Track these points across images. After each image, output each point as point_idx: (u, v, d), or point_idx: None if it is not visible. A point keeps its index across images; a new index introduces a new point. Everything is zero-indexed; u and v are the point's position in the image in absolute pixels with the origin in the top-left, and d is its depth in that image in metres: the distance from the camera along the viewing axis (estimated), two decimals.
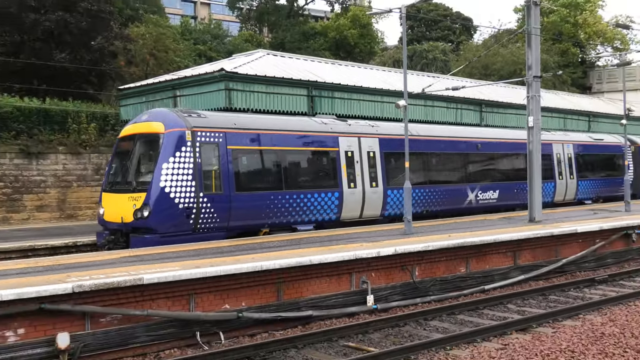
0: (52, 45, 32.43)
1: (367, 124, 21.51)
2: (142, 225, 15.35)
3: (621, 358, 9.55)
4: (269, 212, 17.51)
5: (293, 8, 55.76)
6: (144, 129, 16.44)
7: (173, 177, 15.35)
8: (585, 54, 57.98)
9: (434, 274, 14.76)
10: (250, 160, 17.71)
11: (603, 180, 30.82)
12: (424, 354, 10.00)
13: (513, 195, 25.41)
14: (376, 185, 20.26)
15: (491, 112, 31.33)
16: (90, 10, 33.07)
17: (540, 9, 21.11)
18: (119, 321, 10.30)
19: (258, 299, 12.00)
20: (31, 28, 31.74)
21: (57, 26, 31.92)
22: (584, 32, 55.93)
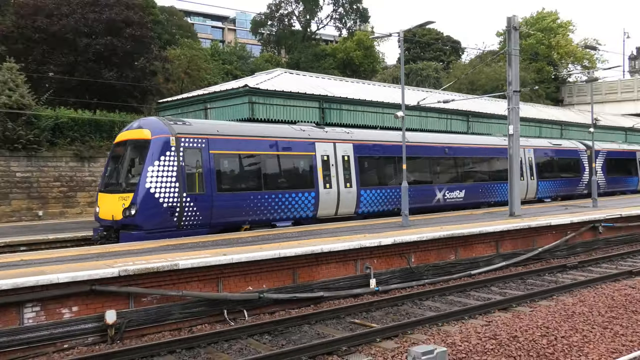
0: (101, 65, 32.60)
1: (343, 131, 20.75)
2: (130, 223, 14.88)
3: (589, 333, 9.51)
4: (249, 210, 16.87)
5: (307, 33, 55.84)
6: (134, 136, 15.94)
7: (158, 179, 14.89)
8: (558, 71, 57.74)
9: (427, 261, 14.75)
10: (231, 163, 16.98)
11: (561, 180, 30.12)
12: (419, 330, 10.02)
13: (478, 194, 24.66)
14: (350, 186, 19.56)
15: (477, 122, 31.31)
16: (134, 35, 33.28)
17: (519, 33, 20.98)
18: (157, 300, 10.36)
19: (276, 282, 12.02)
20: (84, 51, 31.92)
21: (106, 49, 32.10)
22: (557, 52, 55.82)
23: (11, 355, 8.88)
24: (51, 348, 9.20)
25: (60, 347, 9.27)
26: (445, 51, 57.16)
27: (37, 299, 9.23)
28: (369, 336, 9.44)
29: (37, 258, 11.81)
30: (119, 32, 32.70)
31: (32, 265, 10.70)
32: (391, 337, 9.57)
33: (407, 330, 9.89)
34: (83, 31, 31.90)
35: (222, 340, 9.62)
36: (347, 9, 56.05)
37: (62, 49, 32.38)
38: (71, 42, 31.87)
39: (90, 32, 32.17)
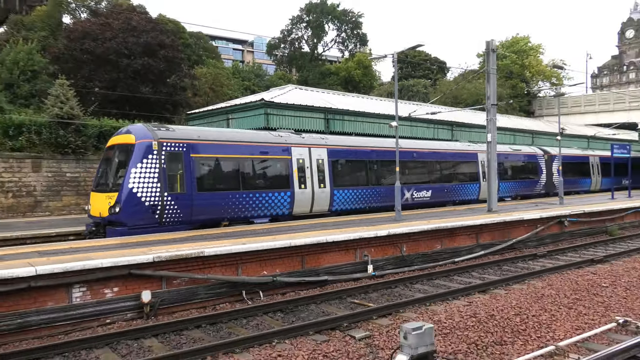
0: (139, 81, 32.73)
1: (319, 137, 19.80)
2: (115, 219, 14.28)
3: (557, 313, 9.46)
4: (227, 208, 16.03)
5: (314, 54, 55.85)
6: (122, 140, 15.26)
7: (140, 180, 14.26)
8: (530, 87, 57.45)
9: (417, 250, 14.70)
10: (211, 165, 16.08)
11: (520, 181, 29.14)
12: (410, 309, 10.01)
13: (443, 194, 23.56)
14: (324, 187, 18.62)
15: (459, 131, 31.23)
16: (167, 56, 33.43)
17: (496, 55, 20.90)
18: (186, 283, 10.39)
19: (287, 267, 12.01)
20: (124, 69, 32.08)
21: (143, 68, 32.24)
22: (529, 71, 55.60)
23: (62, 329, 8.93)
24: (95, 323, 9.25)
25: (103, 322, 9.32)
26: (432, 70, 56.97)
27: (84, 280, 9.29)
28: (366, 314, 9.43)
29: (84, 246, 11.86)
30: (154, 54, 32.85)
31: (80, 252, 10.75)
32: (386, 315, 9.57)
33: (400, 310, 9.87)
34: (123, 53, 32.06)
35: (241, 317, 9.65)
36: (348, 34, 56.09)
37: (106, 68, 32.55)
38: (113, 62, 32.05)
39: (129, 53, 32.33)
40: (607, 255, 15.43)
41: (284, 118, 22.68)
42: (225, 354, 7.65)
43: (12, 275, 8.59)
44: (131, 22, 33.31)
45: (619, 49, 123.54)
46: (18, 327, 8.60)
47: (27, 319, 8.68)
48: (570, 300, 10.28)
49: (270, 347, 7.91)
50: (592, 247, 17.62)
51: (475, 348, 7.67)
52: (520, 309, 9.64)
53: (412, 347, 6.66)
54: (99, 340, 8.25)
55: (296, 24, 55.33)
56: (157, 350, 7.97)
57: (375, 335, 8.38)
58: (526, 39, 57.90)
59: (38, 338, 8.63)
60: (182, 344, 8.32)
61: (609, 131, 43.28)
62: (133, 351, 7.98)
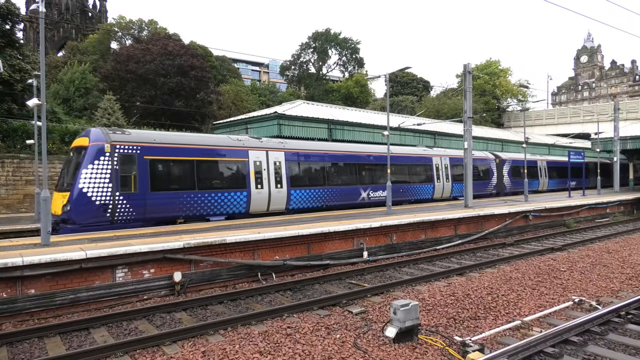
0: (173, 97, 32.83)
1: (278, 142, 18.05)
2: (67, 217, 12.89)
3: (522, 292, 9.35)
4: (182, 207, 14.44)
5: (319, 74, 55.81)
6: (79, 143, 13.81)
7: (91, 180, 12.84)
8: (500, 103, 57.15)
9: (405, 239, 14.58)
10: (165, 167, 14.40)
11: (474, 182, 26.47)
12: (399, 288, 9.91)
13: (399, 194, 21.51)
14: (281, 187, 17.08)
15: (441, 139, 31.05)
16: (197, 76, 33.55)
17: (472, 76, 20.75)
18: (210, 265, 10.33)
19: (296, 253, 11.93)
20: (161, 87, 32.19)
21: (177, 86, 32.35)
22: (499, 90, 55.31)
23: (107, 303, 8.90)
24: (134, 298, 9.21)
25: (141, 298, 9.28)
26: (418, 88, 56.73)
27: (126, 263, 9.25)
28: (362, 293, 9.35)
29: (125, 234, 11.83)
30: (186, 74, 32.95)
31: (122, 239, 10.71)
32: (378, 294, 9.48)
33: (390, 289, 9.78)
34: (161, 73, 32.19)
35: (256, 294, 9.58)
36: (348, 58, 56.07)
37: (146, 86, 32.67)
38: (152, 80, 32.17)
39: (165, 73, 32.44)
40: (564, 245, 15.27)
41: (294, 128, 22.63)
42: (243, 325, 7.59)
43: (67, 258, 8.58)
44: (167, 47, 33.41)
45: (575, 72, 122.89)
46: (71, 302, 8.58)
47: (78, 295, 8.66)
48: (533, 282, 10.17)
49: (281, 320, 7.84)
50: (552, 238, 17.45)
51: (454, 322, 7.58)
52: (492, 289, 9.54)
53: (401, 320, 6.59)
54: (138, 313, 8.22)
55: (304, 49, 55.35)
56: (187, 322, 7.93)
57: (369, 310, 8.30)
58: (497, 62, 57.66)
59: (87, 311, 8.61)
60: (207, 316, 8.27)
61: (566, 140, 42.99)
62: (166, 322, 7.94)
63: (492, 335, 6.93)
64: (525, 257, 13.32)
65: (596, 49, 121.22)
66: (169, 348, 6.72)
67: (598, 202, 23.50)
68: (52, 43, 50.71)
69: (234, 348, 6.54)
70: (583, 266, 11.94)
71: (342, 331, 7.19)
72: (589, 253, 13.87)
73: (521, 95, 57.38)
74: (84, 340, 7.17)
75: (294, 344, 6.65)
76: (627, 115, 44.04)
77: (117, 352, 6.53)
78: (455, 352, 6.26)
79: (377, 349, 6.49)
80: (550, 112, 56.54)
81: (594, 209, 23.21)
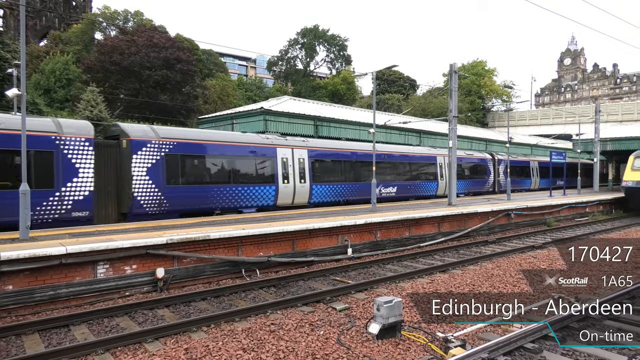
0: (158, 90, 32.37)
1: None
2: None
3: (503, 289, 9.48)
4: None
5: (307, 71, 55.66)
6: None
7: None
8: (485, 103, 57.79)
9: (389, 236, 14.67)
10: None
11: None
12: (382, 285, 9.96)
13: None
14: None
15: (426, 138, 31.26)
16: (183, 69, 33.10)
17: (458, 75, 20.91)
18: (194, 261, 10.23)
19: (280, 249, 11.89)
20: (146, 80, 31.71)
21: (162, 79, 31.89)
22: (484, 90, 55.91)
23: (87, 300, 8.76)
24: (116, 295, 9.08)
25: (123, 294, 9.15)
26: (405, 86, 56.98)
27: (107, 259, 9.10)
28: (346, 289, 9.37)
29: (107, 229, 11.65)
30: (172, 67, 32.48)
31: (104, 234, 10.55)
32: (362, 290, 9.51)
33: (374, 286, 9.83)
34: (146, 65, 31.68)
35: (240, 291, 9.53)
36: (336, 55, 56.00)
37: (131, 78, 32.13)
38: (137, 73, 31.65)
39: (151, 66, 31.94)
40: (545, 243, 15.53)
41: (280, 124, 22.51)
42: (226, 322, 7.55)
43: (47, 253, 8.40)
44: (153, 39, 32.87)
45: (558, 74, 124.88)
46: (50, 298, 8.41)
47: (58, 291, 8.50)
48: (514, 279, 10.32)
49: (264, 317, 7.82)
50: (533, 236, 17.72)
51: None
52: (474, 286, 9.66)
53: (384, 317, 6.63)
54: (120, 310, 8.10)
55: (292, 45, 55.10)
56: (169, 319, 7.84)
57: (353, 307, 8.32)
58: (483, 63, 58.23)
59: (67, 307, 8.45)
60: (190, 313, 8.20)
61: (548, 141, 43.71)
62: (148, 319, 7.84)
63: (473, 331, 7.02)
64: (507, 255, 13.50)
65: (579, 52, 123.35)
66: (151, 345, 6.64)
67: (578, 202, 23.97)
68: (33, 32, 49.49)
69: (217, 345, 6.50)
70: (562, 264, 12.15)
71: (325, 328, 7.20)
72: (569, 251, 14.11)
73: (505, 96, 58.14)
74: (64, 338, 7.04)
75: (278, 341, 6.64)
76: (607, 118, 44.96)
77: (98, 349, 6.43)
78: (438, 348, 6.32)
79: (360, 345, 6.52)
80: (533, 113, 57.42)
81: (574, 208, 23.66)
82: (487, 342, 6.09)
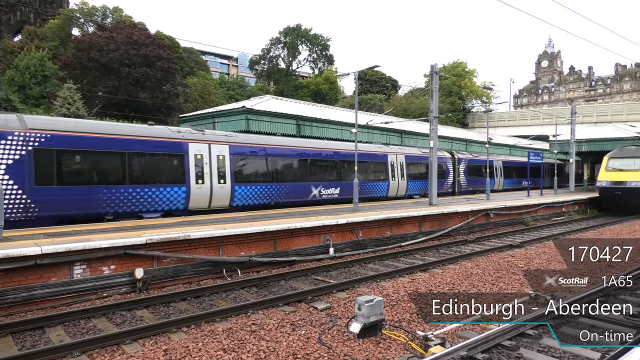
0: (138, 88, 31.88)
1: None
2: None
3: (482, 288, 9.62)
4: None
5: (289, 70, 55.57)
6: None
7: None
8: (465, 104, 58.64)
9: (371, 235, 14.75)
10: None
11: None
12: (364, 284, 9.99)
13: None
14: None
15: (407, 138, 31.49)
16: (163, 67, 32.68)
17: (439, 76, 21.14)
18: (174, 262, 10.10)
19: (262, 249, 11.83)
20: (125, 77, 31.17)
21: (142, 76, 31.41)
22: (464, 91, 56.72)
23: (64, 301, 8.56)
24: (94, 296, 8.91)
25: (101, 295, 8.98)
26: (387, 87, 57.40)
27: (84, 259, 8.91)
28: (327, 289, 9.37)
29: (85, 229, 11.40)
30: (152, 65, 32.04)
31: (81, 234, 10.33)
32: (343, 290, 9.53)
33: (355, 285, 9.85)
34: (125, 63, 31.17)
35: (221, 291, 9.45)
36: (318, 54, 56.10)
37: (109, 75, 31.58)
38: (116, 70, 31.12)
39: (130, 63, 31.44)
40: (523, 242, 15.79)
41: (262, 123, 22.38)
42: (207, 323, 7.47)
43: (21, 253, 8.18)
44: (132, 36, 32.37)
45: (536, 76, 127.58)
46: (24, 300, 8.19)
47: (32, 293, 8.28)
48: (493, 278, 10.49)
49: (245, 317, 7.77)
50: (511, 235, 18.01)
51: (416, 317, 7.73)
52: (454, 284, 9.78)
53: (365, 316, 6.66)
54: (97, 311, 7.94)
55: (275, 44, 54.96)
56: (148, 320, 7.73)
57: (334, 306, 8.34)
58: (464, 64, 59.07)
59: (42, 309, 8.25)
60: (170, 314, 8.09)
61: (526, 141, 44.59)
62: (127, 320, 7.71)
63: (453, 329, 7.12)
64: (486, 254, 13.70)
65: (556, 54, 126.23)
66: (129, 347, 6.53)
67: (554, 202, 24.53)
68: (7, 27, 48.07)
69: (197, 346, 6.43)
70: (539, 262, 12.43)
71: (307, 327, 7.20)
72: (545, 250, 14.44)
73: (485, 97, 59.13)
74: (38, 340, 6.87)
75: (259, 341, 6.61)
76: (583, 119, 46.14)
77: (74, 351, 6.29)
78: (418, 347, 6.39)
79: (341, 344, 6.54)
80: (512, 114, 58.51)
81: (551, 207, 24.20)
82: (466, 340, 6.19)
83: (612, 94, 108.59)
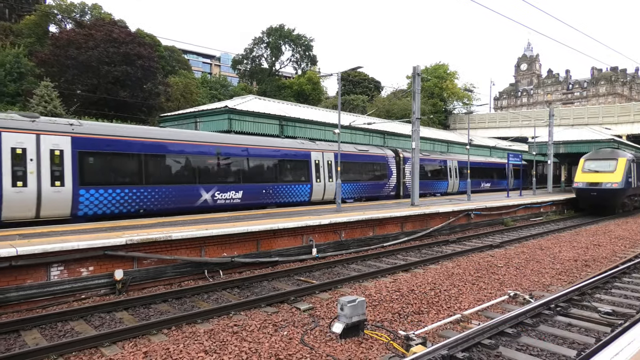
0: (118, 86, 31.33)
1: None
2: None
3: (463, 287, 9.75)
4: None
5: (272, 70, 55.39)
6: None
7: None
8: (447, 105, 59.37)
9: (353, 236, 14.78)
10: None
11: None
12: (346, 284, 10.02)
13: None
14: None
15: (390, 139, 31.67)
16: (144, 66, 32.21)
17: (421, 78, 21.35)
18: (155, 263, 9.96)
19: (244, 250, 11.75)
20: (105, 75, 30.61)
21: (122, 75, 30.89)
22: (446, 93, 57.40)
23: (40, 303, 8.36)
24: (71, 298, 8.71)
25: (79, 297, 8.79)
26: (370, 88, 57.73)
27: (61, 260, 8.71)
28: (310, 289, 9.37)
29: (63, 230, 11.15)
30: (132, 63, 31.56)
31: (59, 235, 10.10)
32: (326, 290, 9.55)
33: (338, 285, 9.88)
34: (105, 61, 30.61)
35: (203, 292, 9.36)
36: (301, 55, 56.06)
37: (88, 73, 30.96)
38: (95, 68, 30.54)
39: (110, 61, 30.89)
40: (502, 242, 16.03)
41: (245, 123, 22.25)
42: (188, 324, 7.40)
43: None
44: (112, 34, 31.83)
45: (515, 79, 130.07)
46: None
47: (7, 295, 8.06)
48: (473, 278, 10.64)
49: (227, 318, 7.72)
50: (491, 235, 18.27)
51: (398, 317, 7.80)
52: (435, 284, 9.89)
53: (347, 316, 6.69)
54: (75, 313, 7.77)
55: (258, 43, 54.74)
56: (128, 322, 7.60)
57: (317, 307, 8.35)
58: (445, 66, 59.77)
59: (17, 312, 8.04)
60: (150, 316, 7.98)
61: (506, 143, 45.37)
62: (105, 322, 7.57)
63: (434, 328, 7.20)
64: (466, 254, 13.87)
65: (535, 57, 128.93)
66: (108, 349, 6.42)
67: (533, 202, 25.03)
68: None
69: (178, 347, 6.36)
70: (518, 262, 12.67)
71: (289, 328, 7.19)
72: (524, 250, 14.73)
73: (466, 99, 59.97)
74: (13, 344, 6.69)
75: (241, 342, 6.57)
76: (560, 122, 47.20)
77: (51, 354, 6.15)
78: (399, 346, 6.44)
79: (324, 344, 6.55)
80: (492, 116, 59.49)
81: (530, 208, 24.69)
82: (447, 340, 6.26)
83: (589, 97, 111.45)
